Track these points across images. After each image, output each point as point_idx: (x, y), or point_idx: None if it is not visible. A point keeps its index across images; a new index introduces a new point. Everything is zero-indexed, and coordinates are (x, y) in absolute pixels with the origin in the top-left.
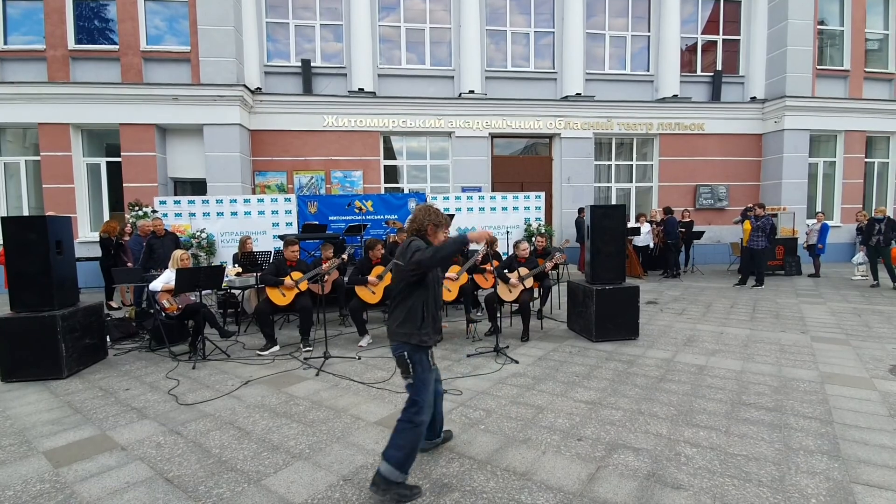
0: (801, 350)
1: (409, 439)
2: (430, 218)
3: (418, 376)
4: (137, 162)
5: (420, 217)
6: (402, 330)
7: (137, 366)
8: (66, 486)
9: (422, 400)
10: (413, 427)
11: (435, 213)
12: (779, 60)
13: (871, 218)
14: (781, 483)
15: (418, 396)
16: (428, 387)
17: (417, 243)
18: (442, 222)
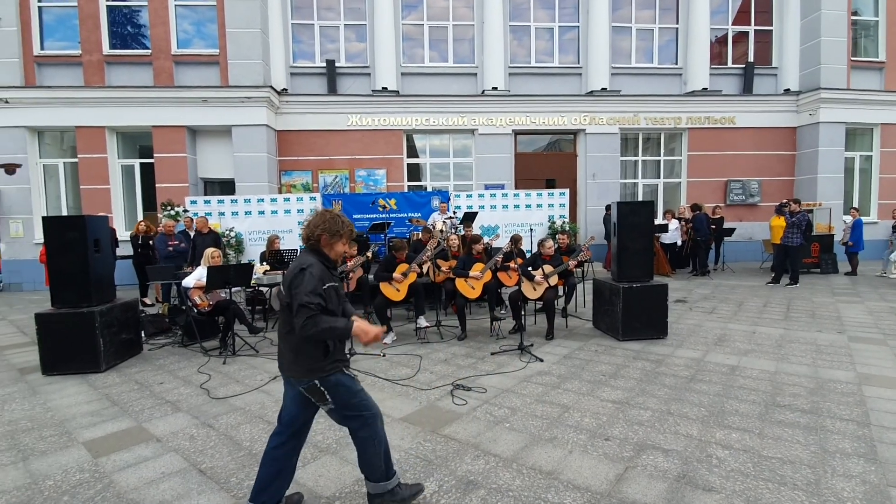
0: (838, 350)
1: (370, 452)
2: (324, 226)
3: (339, 400)
4: (169, 163)
5: (312, 224)
6: (298, 367)
7: (171, 360)
8: (104, 475)
9: (358, 413)
10: (367, 438)
11: (332, 219)
12: (813, 51)
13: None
14: (817, 486)
15: (352, 412)
16: (356, 398)
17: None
18: (338, 231)
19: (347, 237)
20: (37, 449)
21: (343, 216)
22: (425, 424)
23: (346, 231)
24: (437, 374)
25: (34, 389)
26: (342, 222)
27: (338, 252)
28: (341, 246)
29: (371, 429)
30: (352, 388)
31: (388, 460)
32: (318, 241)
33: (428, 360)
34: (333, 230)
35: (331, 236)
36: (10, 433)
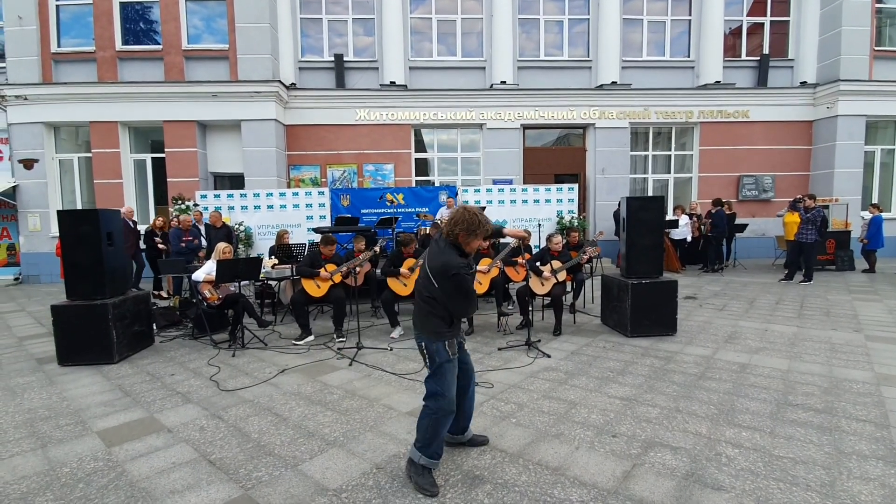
0: (855, 349)
1: (425, 425)
2: (464, 226)
3: (437, 367)
4: (180, 158)
5: (454, 220)
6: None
7: (181, 352)
8: (117, 464)
9: (434, 391)
10: (430, 413)
11: (470, 217)
12: (832, 42)
13: None
14: (832, 488)
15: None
16: (446, 379)
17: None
18: (474, 229)
19: (481, 234)
20: (54, 437)
21: (481, 215)
22: None
23: (482, 228)
24: None
25: (51, 379)
26: (478, 220)
27: (472, 247)
28: (476, 242)
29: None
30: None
31: (434, 444)
32: (457, 237)
33: None
34: (470, 228)
35: (468, 234)
36: (29, 421)
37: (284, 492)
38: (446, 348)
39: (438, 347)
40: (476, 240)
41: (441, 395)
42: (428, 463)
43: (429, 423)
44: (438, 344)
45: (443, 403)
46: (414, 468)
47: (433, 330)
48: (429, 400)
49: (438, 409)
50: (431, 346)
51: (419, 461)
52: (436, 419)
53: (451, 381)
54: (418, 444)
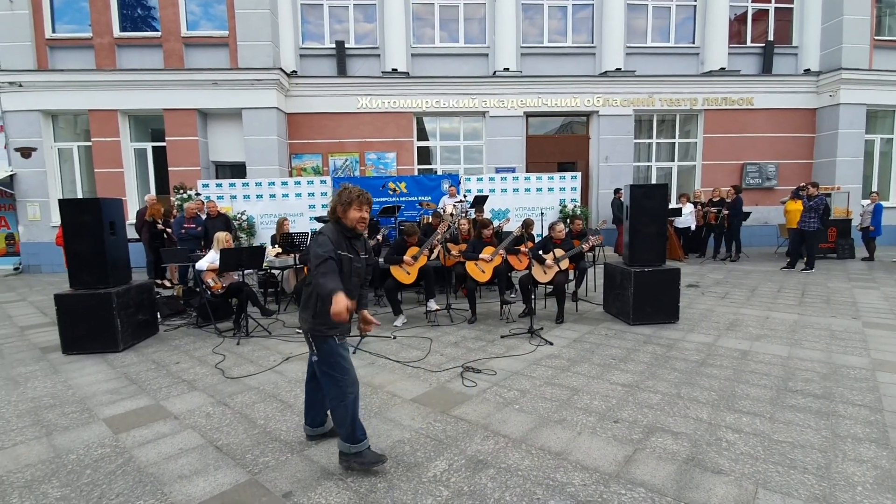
0: (853, 336)
1: (342, 413)
2: (338, 199)
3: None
4: (181, 146)
5: (332, 201)
6: (302, 314)
7: (186, 341)
8: (124, 450)
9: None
10: (340, 403)
11: (345, 191)
12: (834, 30)
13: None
14: (827, 470)
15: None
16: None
17: (320, 238)
18: (345, 200)
19: (356, 203)
20: (59, 425)
21: (351, 188)
22: (435, 405)
23: (354, 199)
24: (447, 357)
25: (55, 368)
26: (351, 193)
27: (350, 218)
28: (354, 212)
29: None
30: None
31: (355, 425)
32: (337, 214)
33: (438, 342)
34: (342, 200)
35: (344, 207)
36: (33, 409)
37: (291, 476)
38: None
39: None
40: (351, 209)
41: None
42: (359, 448)
43: (342, 411)
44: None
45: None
46: (350, 458)
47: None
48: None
49: (344, 398)
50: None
51: (351, 451)
52: (345, 405)
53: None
54: (342, 435)
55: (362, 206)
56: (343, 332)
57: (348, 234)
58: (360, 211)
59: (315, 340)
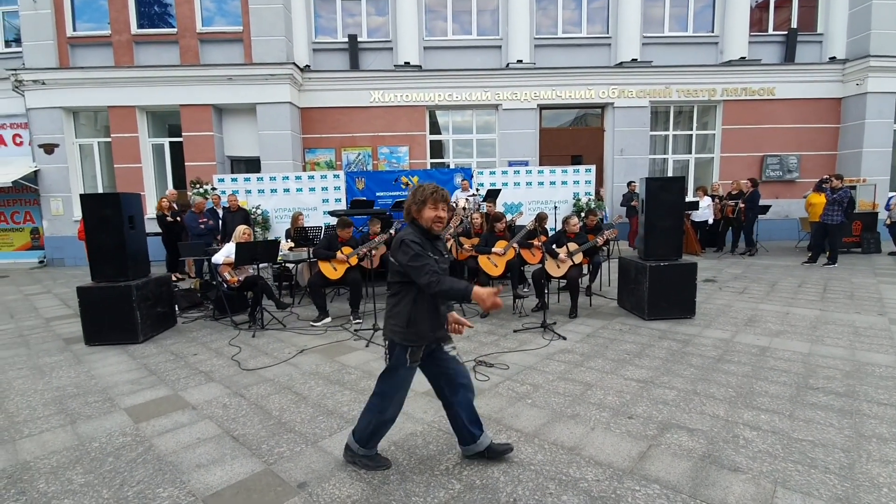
0: (879, 333)
1: (369, 421)
2: (412, 198)
3: (390, 367)
4: (197, 141)
5: (406, 201)
6: (390, 322)
7: (203, 333)
8: (145, 439)
9: (387, 389)
10: (375, 414)
11: (419, 189)
12: (863, 16)
13: None
14: (850, 471)
15: (382, 387)
16: (397, 383)
17: (410, 247)
18: (419, 199)
19: (431, 202)
20: (83, 413)
21: (425, 186)
22: None
23: (428, 197)
24: (459, 351)
25: (79, 358)
26: (425, 190)
27: (426, 217)
28: (429, 211)
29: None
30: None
31: (374, 437)
32: (413, 215)
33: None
34: (417, 199)
35: (419, 206)
36: (58, 398)
37: (305, 466)
38: (407, 357)
39: (400, 353)
40: (425, 208)
41: (388, 400)
42: (367, 453)
43: (376, 421)
44: (400, 350)
45: (388, 410)
46: (355, 455)
47: (393, 332)
48: (375, 400)
49: (384, 412)
50: (395, 349)
51: (358, 452)
52: (382, 420)
53: (399, 388)
54: (356, 436)
55: (437, 205)
56: (417, 353)
57: (426, 235)
58: (435, 210)
59: (396, 349)
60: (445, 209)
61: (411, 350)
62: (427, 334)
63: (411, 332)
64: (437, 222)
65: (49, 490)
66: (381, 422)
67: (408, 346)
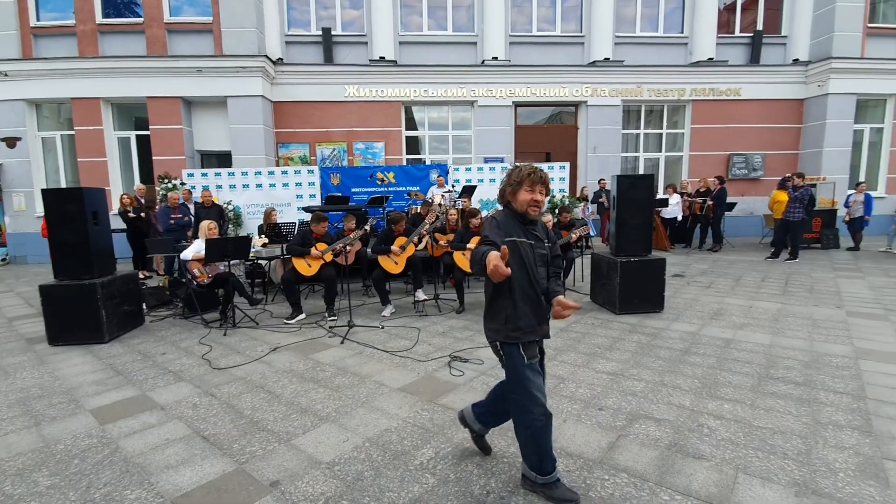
0: (836, 325)
1: (525, 437)
2: (507, 180)
3: (509, 370)
4: (165, 135)
5: (502, 183)
6: (490, 325)
7: (172, 332)
8: (111, 441)
9: (516, 395)
10: (523, 427)
11: (514, 171)
12: (826, 18)
13: None
14: (808, 456)
15: (513, 396)
16: (523, 382)
17: (488, 223)
18: (515, 180)
19: (528, 183)
20: (47, 415)
21: (521, 164)
22: (423, 394)
23: (524, 177)
24: (434, 346)
25: (42, 359)
26: (521, 171)
27: (520, 201)
28: (525, 194)
29: (524, 412)
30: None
31: (545, 457)
32: (503, 195)
33: (426, 332)
34: (511, 181)
35: (513, 188)
36: (22, 400)
37: (278, 465)
38: (521, 353)
39: (511, 351)
40: (521, 190)
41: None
42: (547, 480)
43: (527, 435)
44: (511, 348)
45: (532, 411)
46: (535, 485)
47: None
48: (513, 412)
49: (530, 417)
50: (505, 349)
51: (537, 480)
52: (535, 428)
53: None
54: (528, 462)
55: (535, 187)
56: (531, 347)
57: (521, 219)
58: (531, 192)
59: (504, 348)
60: (544, 192)
61: (522, 345)
62: (534, 327)
63: (510, 328)
64: (534, 206)
65: (15, 492)
66: (536, 430)
67: (515, 342)
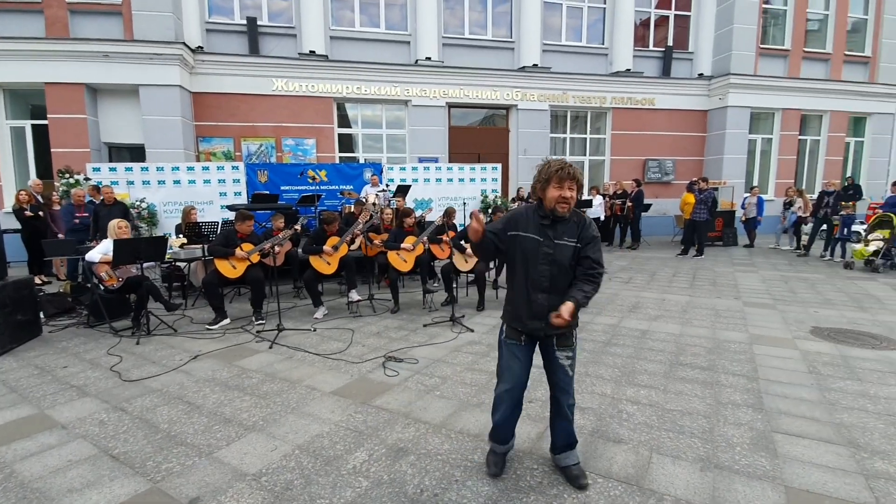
0: (734, 314)
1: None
2: (538, 175)
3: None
4: (66, 125)
5: (534, 180)
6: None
7: (75, 342)
8: (4, 465)
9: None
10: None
11: (544, 166)
12: (725, 38)
13: (821, 191)
14: (711, 434)
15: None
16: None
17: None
18: (544, 177)
19: (555, 180)
20: None
21: (552, 159)
22: (356, 397)
23: (553, 174)
24: (369, 347)
25: None
26: (549, 167)
27: (550, 197)
28: (554, 190)
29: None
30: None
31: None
32: (535, 191)
33: (360, 333)
34: (540, 177)
35: (542, 184)
36: None
37: (199, 481)
38: (504, 342)
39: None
40: (549, 186)
41: (502, 379)
42: (490, 443)
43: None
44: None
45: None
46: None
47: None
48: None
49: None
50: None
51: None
52: (497, 398)
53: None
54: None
55: (563, 183)
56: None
57: (545, 216)
58: (559, 189)
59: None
60: (574, 187)
61: (507, 326)
62: (522, 319)
63: (507, 310)
64: (562, 203)
65: None
66: (495, 397)
67: (503, 319)
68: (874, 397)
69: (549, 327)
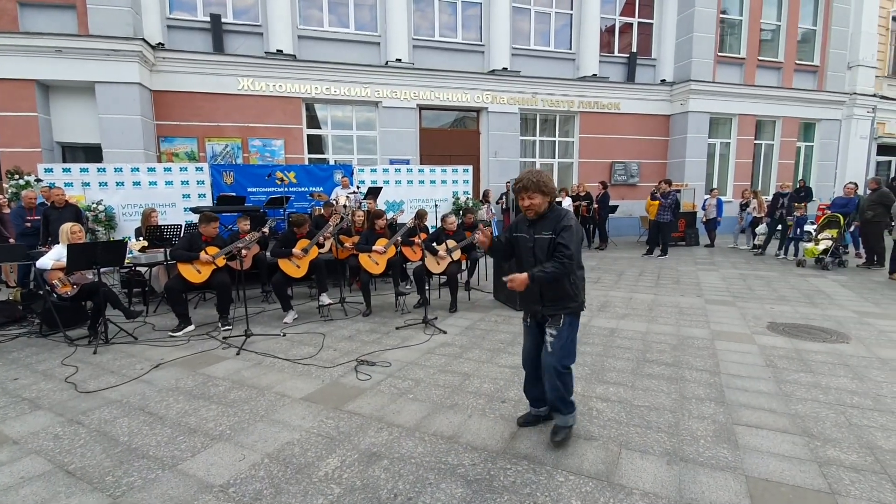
0: (697, 311)
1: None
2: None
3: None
4: (14, 123)
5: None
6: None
7: (26, 353)
8: None
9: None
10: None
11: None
12: (686, 46)
13: (776, 193)
14: (676, 428)
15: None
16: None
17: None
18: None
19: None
20: None
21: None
22: (328, 402)
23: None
24: (340, 351)
25: None
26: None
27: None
28: (519, 201)
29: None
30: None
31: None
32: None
33: (331, 337)
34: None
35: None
36: None
37: (162, 494)
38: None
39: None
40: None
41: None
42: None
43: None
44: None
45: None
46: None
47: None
48: None
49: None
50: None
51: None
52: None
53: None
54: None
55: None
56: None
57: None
58: (521, 200)
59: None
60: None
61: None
62: (523, 303)
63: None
64: (527, 210)
65: None
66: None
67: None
68: (825, 388)
69: (545, 308)
